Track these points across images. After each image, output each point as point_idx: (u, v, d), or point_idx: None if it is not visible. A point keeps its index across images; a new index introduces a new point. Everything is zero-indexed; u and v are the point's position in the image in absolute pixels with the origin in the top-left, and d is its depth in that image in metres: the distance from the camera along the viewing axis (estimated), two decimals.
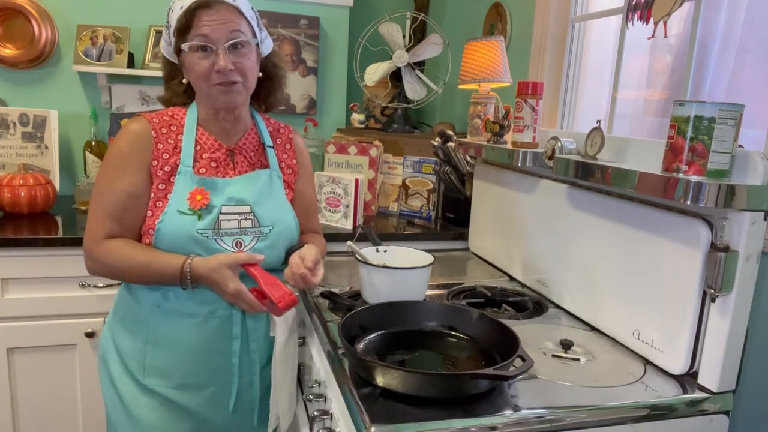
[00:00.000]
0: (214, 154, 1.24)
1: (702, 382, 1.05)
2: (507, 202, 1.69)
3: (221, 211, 1.19)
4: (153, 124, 1.21)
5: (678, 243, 1.06)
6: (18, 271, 1.77)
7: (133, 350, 1.22)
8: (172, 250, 1.16)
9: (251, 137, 1.30)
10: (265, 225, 1.23)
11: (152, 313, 1.21)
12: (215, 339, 1.22)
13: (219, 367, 1.24)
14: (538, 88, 1.47)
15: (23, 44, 2.27)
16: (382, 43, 2.40)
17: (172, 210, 1.17)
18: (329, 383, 1.15)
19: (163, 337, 1.21)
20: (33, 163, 2.22)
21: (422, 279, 1.31)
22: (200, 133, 1.24)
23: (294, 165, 1.36)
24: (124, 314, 1.25)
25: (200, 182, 1.20)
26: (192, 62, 1.16)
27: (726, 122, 0.93)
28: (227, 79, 1.16)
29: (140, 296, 1.22)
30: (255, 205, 1.23)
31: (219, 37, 1.14)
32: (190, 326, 1.20)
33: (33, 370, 1.85)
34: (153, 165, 1.19)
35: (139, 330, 1.22)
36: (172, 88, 1.28)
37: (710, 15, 1.39)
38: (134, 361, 1.22)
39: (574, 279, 1.37)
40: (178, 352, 1.21)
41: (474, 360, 1.09)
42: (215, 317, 1.21)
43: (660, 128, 1.57)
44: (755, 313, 1.05)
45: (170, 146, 1.21)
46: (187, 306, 1.20)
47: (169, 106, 1.29)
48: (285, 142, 1.36)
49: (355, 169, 2.27)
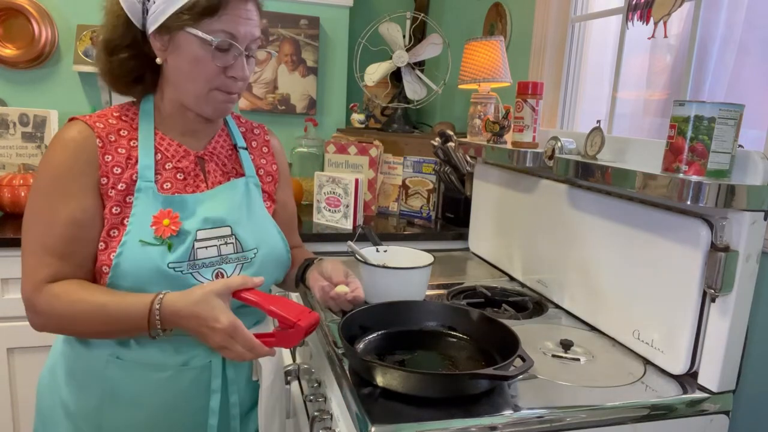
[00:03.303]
0: (180, 163, 1.00)
1: (702, 382, 1.05)
2: (507, 202, 1.69)
3: (196, 238, 0.96)
4: (97, 129, 0.95)
5: (678, 243, 1.06)
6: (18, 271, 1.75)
7: (86, 409, 0.97)
8: (134, 291, 0.92)
9: (222, 139, 1.08)
10: (249, 248, 1.02)
11: (109, 365, 0.96)
12: (188, 395, 0.98)
13: (192, 428, 1.01)
14: (538, 88, 1.47)
15: (23, 44, 2.27)
16: (382, 43, 2.40)
17: (133, 240, 0.92)
18: (329, 383, 1.15)
19: (123, 395, 0.96)
20: (33, 163, 2.22)
21: (422, 279, 1.31)
22: (159, 138, 1.00)
23: (274, 171, 1.15)
24: (73, 366, 0.99)
25: (166, 202, 0.95)
26: (203, 56, 0.93)
27: (726, 122, 0.93)
28: (234, 88, 0.98)
29: (94, 345, 0.97)
30: (236, 225, 1.01)
31: (247, 38, 0.96)
32: (158, 381, 0.96)
33: (33, 370, 1.84)
34: (102, 183, 0.94)
35: (92, 385, 0.97)
36: (126, 65, 0.98)
37: (710, 15, 1.39)
38: (87, 423, 0.97)
39: (574, 279, 1.37)
40: (142, 411, 0.97)
41: (474, 360, 1.09)
42: (189, 369, 0.97)
43: (660, 128, 1.57)
44: (755, 313, 1.05)
45: (122, 157, 0.95)
46: (154, 356, 0.96)
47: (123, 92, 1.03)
48: (261, 145, 1.15)
49: (355, 169, 2.27)
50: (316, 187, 2.08)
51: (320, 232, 1.96)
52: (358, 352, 1.07)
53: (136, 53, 0.98)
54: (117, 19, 0.98)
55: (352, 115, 2.57)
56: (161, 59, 0.97)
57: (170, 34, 0.94)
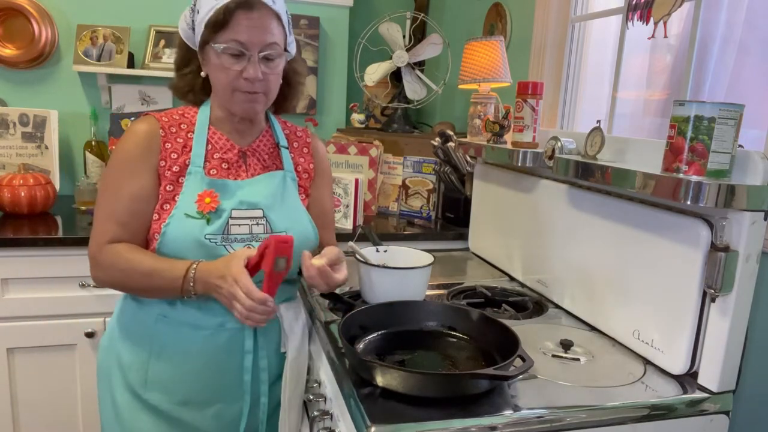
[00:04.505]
0: (226, 154, 1.17)
1: (702, 382, 1.05)
2: (507, 202, 1.69)
3: (231, 215, 1.12)
4: (162, 122, 1.15)
5: (678, 243, 1.06)
6: (18, 271, 1.77)
7: (136, 362, 1.15)
8: (176, 256, 1.09)
9: (265, 139, 1.24)
10: (279, 230, 1.16)
11: (158, 323, 1.14)
12: (225, 353, 1.15)
13: (227, 383, 1.17)
14: (538, 88, 1.47)
15: (23, 44, 2.27)
16: (382, 43, 2.40)
17: (179, 213, 1.10)
18: (329, 383, 1.15)
19: (168, 349, 1.14)
20: (33, 163, 2.22)
21: (422, 279, 1.31)
22: (212, 132, 1.18)
23: (311, 170, 1.28)
24: (129, 323, 1.18)
25: (210, 184, 1.13)
26: (220, 63, 1.10)
27: (726, 122, 0.93)
28: (253, 88, 1.11)
29: (146, 304, 1.16)
30: (268, 209, 1.16)
31: (255, 43, 1.08)
32: (199, 339, 1.13)
33: (33, 370, 1.85)
34: (161, 165, 1.13)
35: (143, 341, 1.15)
36: (186, 78, 1.20)
37: (710, 15, 1.39)
38: (136, 374, 1.15)
39: (574, 279, 1.37)
40: (184, 365, 1.14)
41: (474, 360, 1.09)
42: (225, 330, 1.14)
43: (660, 128, 1.57)
44: (755, 313, 1.05)
45: (179, 145, 1.14)
46: (195, 316, 1.13)
47: (181, 98, 1.23)
48: (302, 146, 1.29)
49: (355, 169, 2.27)
50: None
51: None
52: (358, 352, 1.07)
53: (193, 70, 1.19)
54: (179, 46, 1.19)
55: (352, 115, 2.57)
56: (204, 72, 1.17)
57: (203, 50, 1.14)
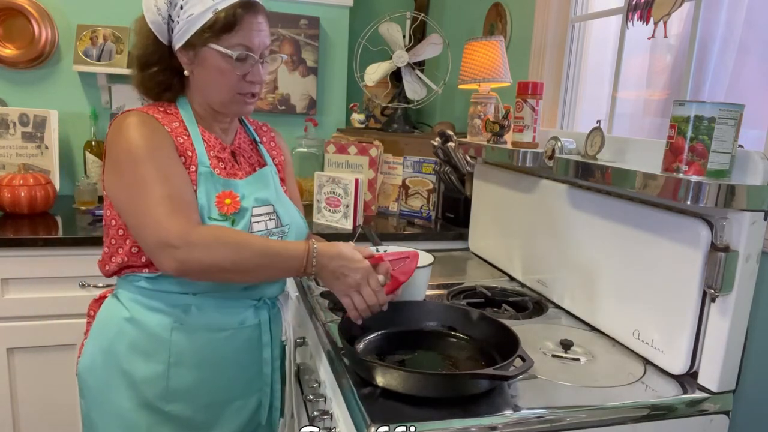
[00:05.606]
0: (220, 154, 1.15)
1: (702, 382, 1.05)
2: (507, 202, 1.68)
3: (253, 213, 1.11)
4: (158, 118, 1.07)
5: (678, 243, 1.06)
6: (18, 271, 1.77)
7: (152, 376, 1.09)
8: None
9: (243, 136, 1.24)
10: (285, 224, 1.18)
11: (173, 331, 1.09)
12: (245, 350, 1.16)
13: (248, 378, 1.18)
14: (538, 88, 1.47)
15: (23, 44, 2.27)
16: (382, 43, 2.40)
17: (203, 217, 1.05)
18: (329, 383, 1.15)
19: (188, 356, 1.10)
20: (33, 163, 2.22)
21: (422, 279, 1.31)
22: (202, 131, 1.14)
23: (282, 162, 1.30)
24: (136, 339, 1.10)
25: (225, 184, 1.10)
26: (222, 67, 1.06)
27: (726, 122, 0.93)
28: (252, 90, 1.11)
29: (153, 318, 1.09)
30: (275, 204, 1.17)
31: (259, 47, 1.08)
32: (219, 341, 1.11)
33: (33, 370, 1.85)
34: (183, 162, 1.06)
35: (158, 353, 1.09)
36: (157, 77, 1.11)
37: (710, 15, 1.39)
38: (153, 388, 1.09)
39: (574, 279, 1.37)
40: (207, 370, 1.12)
41: (474, 360, 1.09)
42: (245, 327, 1.14)
43: (660, 128, 1.57)
44: (755, 313, 1.05)
45: (188, 143, 1.09)
46: (215, 319, 1.11)
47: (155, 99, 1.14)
48: (269, 140, 1.31)
49: (355, 169, 2.27)
50: (316, 187, 2.08)
51: (320, 232, 1.96)
52: (358, 352, 1.07)
53: (165, 67, 1.10)
54: (146, 38, 1.09)
55: (352, 115, 2.57)
56: (188, 72, 1.10)
57: (195, 50, 1.06)
